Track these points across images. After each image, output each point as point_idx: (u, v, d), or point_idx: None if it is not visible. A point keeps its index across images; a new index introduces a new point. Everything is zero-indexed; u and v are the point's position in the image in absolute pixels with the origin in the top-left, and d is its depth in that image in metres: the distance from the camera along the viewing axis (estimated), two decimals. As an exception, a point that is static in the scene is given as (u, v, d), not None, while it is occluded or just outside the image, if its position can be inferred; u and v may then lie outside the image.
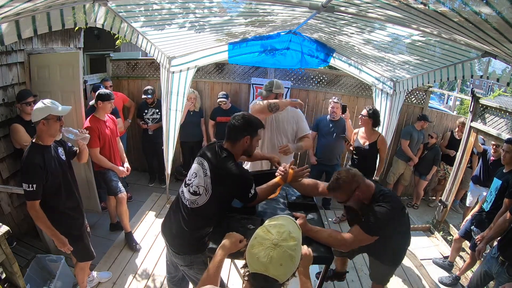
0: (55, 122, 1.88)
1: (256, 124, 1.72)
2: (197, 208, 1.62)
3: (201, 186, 1.61)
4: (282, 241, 0.94)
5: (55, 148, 2.01)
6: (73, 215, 2.10)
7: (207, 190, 1.60)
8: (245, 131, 1.67)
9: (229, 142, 1.69)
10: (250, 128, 1.68)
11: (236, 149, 1.68)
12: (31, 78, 2.97)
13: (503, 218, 2.35)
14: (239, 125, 1.66)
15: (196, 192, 1.63)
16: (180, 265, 1.78)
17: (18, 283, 1.99)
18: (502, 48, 1.45)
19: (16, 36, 1.35)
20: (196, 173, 1.67)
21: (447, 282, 3.02)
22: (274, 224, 1.02)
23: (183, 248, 1.70)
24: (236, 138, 1.67)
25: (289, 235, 0.96)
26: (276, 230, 0.97)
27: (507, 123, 3.16)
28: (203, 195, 1.60)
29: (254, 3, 2.03)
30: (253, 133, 1.70)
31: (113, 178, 2.92)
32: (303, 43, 3.31)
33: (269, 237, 0.95)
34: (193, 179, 1.67)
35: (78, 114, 3.09)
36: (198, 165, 1.69)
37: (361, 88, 4.42)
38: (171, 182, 4.14)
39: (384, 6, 1.52)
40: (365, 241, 1.65)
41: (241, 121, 1.67)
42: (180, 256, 1.72)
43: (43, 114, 1.83)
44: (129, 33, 2.19)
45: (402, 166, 4.50)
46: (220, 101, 4.00)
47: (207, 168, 1.62)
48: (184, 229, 1.65)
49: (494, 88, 15.25)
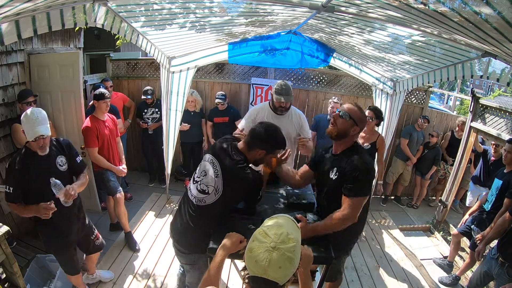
0: (34, 142, 1.81)
1: (277, 144, 1.66)
2: (204, 206, 1.60)
3: (211, 186, 1.58)
4: (280, 244, 0.92)
5: (53, 157, 1.92)
6: (58, 225, 1.98)
7: (217, 191, 1.57)
8: (263, 146, 1.62)
9: (245, 146, 1.64)
10: (270, 144, 1.64)
11: (250, 155, 1.65)
12: (31, 78, 2.97)
13: (503, 218, 2.34)
14: (262, 136, 1.61)
15: (204, 190, 1.60)
16: (183, 263, 1.80)
17: (18, 283, 1.99)
18: (502, 48, 1.45)
19: (16, 36, 1.34)
20: (206, 171, 1.63)
21: (447, 282, 3.03)
22: (272, 225, 1.00)
23: (188, 246, 1.70)
24: (253, 147, 1.62)
25: (287, 236, 0.94)
26: (274, 232, 0.95)
27: (507, 123, 3.16)
28: (212, 195, 1.58)
29: (254, 3, 2.02)
30: (270, 150, 1.65)
31: (111, 178, 2.92)
32: (303, 43, 3.31)
33: (267, 240, 0.94)
34: (203, 177, 1.63)
35: (78, 114, 3.09)
36: (209, 164, 1.64)
37: (361, 88, 4.42)
38: (171, 182, 4.15)
39: (384, 6, 1.52)
40: (362, 203, 1.59)
41: (266, 133, 1.61)
42: (184, 255, 1.73)
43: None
44: (129, 33, 2.18)
45: (401, 166, 4.50)
46: (217, 102, 3.96)
47: (219, 170, 1.58)
48: (190, 225, 1.65)
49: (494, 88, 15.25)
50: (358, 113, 1.68)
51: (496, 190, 2.77)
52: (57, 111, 3.10)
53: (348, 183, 1.59)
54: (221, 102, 3.92)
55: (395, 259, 3.26)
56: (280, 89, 2.38)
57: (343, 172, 1.63)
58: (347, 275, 2.93)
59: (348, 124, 1.65)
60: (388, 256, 3.31)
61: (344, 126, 1.66)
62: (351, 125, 1.66)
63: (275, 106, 2.44)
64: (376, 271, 3.05)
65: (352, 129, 1.66)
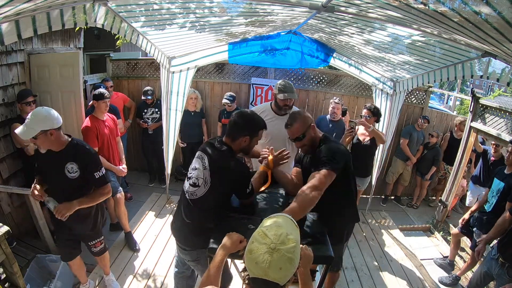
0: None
1: (257, 124, 1.69)
2: (196, 199, 1.64)
3: (200, 178, 1.63)
4: (280, 244, 0.92)
5: (63, 160, 1.85)
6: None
7: (206, 182, 1.62)
8: (245, 131, 1.65)
9: (228, 138, 1.68)
10: (250, 128, 1.67)
11: (235, 146, 1.68)
12: (31, 78, 2.97)
13: (503, 218, 2.35)
14: (239, 123, 1.65)
15: (195, 184, 1.65)
16: (188, 261, 1.82)
17: (18, 283, 1.99)
18: (502, 48, 1.45)
19: (16, 36, 1.35)
20: (196, 166, 1.69)
21: (447, 282, 3.03)
22: (271, 226, 1.00)
23: (188, 242, 1.73)
24: (235, 136, 1.65)
25: (286, 237, 0.94)
26: (273, 233, 0.95)
27: (507, 123, 3.16)
28: (202, 187, 1.62)
29: (254, 3, 2.03)
30: (252, 134, 1.68)
31: (111, 178, 2.92)
32: (303, 43, 3.31)
33: (266, 241, 0.93)
34: (193, 172, 1.69)
35: (78, 114, 3.10)
36: (198, 159, 1.70)
37: (361, 88, 4.42)
38: (171, 182, 4.15)
39: (384, 6, 1.52)
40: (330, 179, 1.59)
41: (242, 119, 1.66)
42: (187, 252, 1.75)
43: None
44: (129, 33, 2.18)
45: (401, 166, 4.50)
46: (224, 102, 3.96)
47: (206, 161, 1.64)
48: (186, 221, 1.69)
49: (494, 88, 15.24)
50: (299, 122, 1.77)
51: (497, 192, 2.75)
52: (57, 111, 2.94)
53: (318, 164, 1.65)
54: (228, 103, 3.92)
55: (395, 259, 3.26)
56: (283, 87, 2.38)
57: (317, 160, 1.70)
58: (347, 275, 2.93)
59: (307, 137, 1.78)
60: (388, 256, 3.31)
61: (309, 140, 1.79)
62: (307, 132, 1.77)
63: (279, 105, 2.42)
64: (376, 271, 3.05)
65: (309, 132, 1.77)
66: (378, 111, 3.25)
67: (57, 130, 1.80)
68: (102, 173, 1.95)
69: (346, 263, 3.05)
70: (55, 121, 1.79)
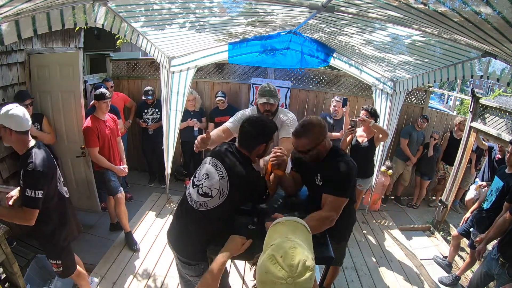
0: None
1: (270, 129, 1.65)
2: (206, 210, 1.52)
3: (215, 189, 1.51)
4: (297, 277, 0.79)
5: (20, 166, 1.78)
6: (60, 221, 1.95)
7: (221, 193, 1.51)
8: (261, 139, 1.60)
9: (245, 149, 1.61)
10: (265, 135, 1.62)
11: (253, 155, 1.63)
12: (31, 78, 2.97)
13: (503, 218, 2.35)
14: (253, 133, 1.59)
15: (207, 194, 1.52)
16: (191, 276, 1.66)
17: (18, 283, 1.99)
18: (502, 48, 1.45)
19: (16, 36, 1.34)
20: (208, 174, 1.56)
21: (447, 282, 3.03)
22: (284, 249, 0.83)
23: (192, 255, 1.59)
24: (253, 146, 1.60)
25: (303, 266, 0.80)
26: (288, 263, 0.80)
27: (507, 123, 3.16)
28: (216, 198, 1.51)
29: (254, 3, 2.02)
30: (268, 140, 1.63)
31: (112, 178, 2.92)
32: (303, 43, 3.30)
33: (282, 274, 0.79)
34: (204, 180, 1.56)
35: (78, 114, 3.09)
36: (212, 167, 1.58)
37: (361, 88, 4.42)
38: (171, 182, 4.15)
39: (384, 6, 1.52)
40: (343, 205, 1.59)
41: (255, 128, 1.60)
42: (191, 267, 1.61)
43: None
44: (129, 33, 2.18)
45: (402, 166, 4.50)
46: (218, 99, 3.98)
47: (223, 171, 1.53)
48: (191, 232, 1.56)
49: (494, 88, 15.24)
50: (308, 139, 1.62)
51: (496, 191, 2.77)
52: (57, 111, 3.10)
53: (331, 185, 1.61)
54: (222, 100, 3.94)
55: (395, 259, 3.26)
56: (263, 90, 2.16)
57: (327, 178, 1.66)
58: (347, 275, 2.93)
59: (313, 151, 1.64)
60: (388, 256, 3.31)
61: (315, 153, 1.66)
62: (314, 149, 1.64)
63: (260, 110, 2.22)
64: (376, 271, 3.05)
65: (318, 148, 1.64)
66: (375, 112, 3.26)
67: (18, 133, 1.73)
68: (35, 195, 1.70)
69: (346, 263, 3.05)
70: (18, 124, 1.71)
